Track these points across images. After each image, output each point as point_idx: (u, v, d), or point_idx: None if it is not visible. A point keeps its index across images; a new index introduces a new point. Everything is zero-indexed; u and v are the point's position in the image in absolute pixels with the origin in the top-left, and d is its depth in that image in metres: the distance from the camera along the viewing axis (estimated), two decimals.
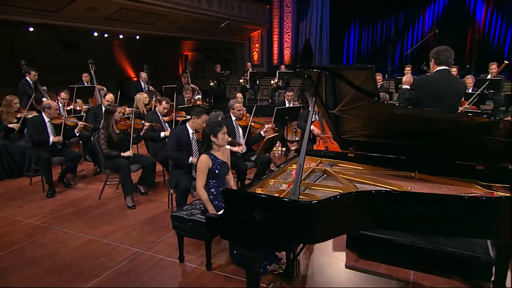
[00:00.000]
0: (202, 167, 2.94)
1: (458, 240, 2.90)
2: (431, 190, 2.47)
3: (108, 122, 4.36)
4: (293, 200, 2.12)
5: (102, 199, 4.60)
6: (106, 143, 4.27)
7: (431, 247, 2.90)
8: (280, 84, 10.11)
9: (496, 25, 13.64)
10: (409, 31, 15.36)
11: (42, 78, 6.86)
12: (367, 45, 15.92)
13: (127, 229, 3.81)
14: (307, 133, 2.40)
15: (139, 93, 6.29)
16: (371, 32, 15.81)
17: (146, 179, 4.62)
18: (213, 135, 2.98)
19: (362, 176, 2.78)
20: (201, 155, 2.99)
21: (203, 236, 2.97)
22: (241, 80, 10.30)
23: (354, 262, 3.10)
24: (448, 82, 3.11)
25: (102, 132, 4.31)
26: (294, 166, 3.13)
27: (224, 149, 3.14)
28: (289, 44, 14.28)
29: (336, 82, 2.47)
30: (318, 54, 14.08)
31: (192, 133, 3.93)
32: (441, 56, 3.15)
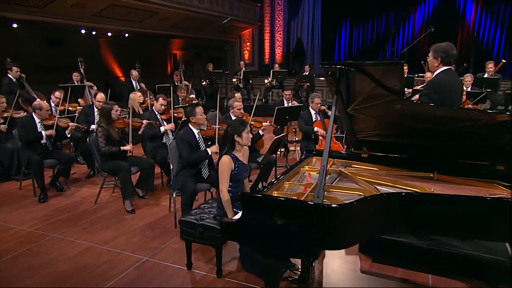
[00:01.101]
0: (225, 169, 2.83)
1: (477, 243, 2.86)
2: (453, 191, 2.42)
3: (107, 120, 4.21)
4: (320, 203, 2.03)
5: (98, 203, 4.44)
6: (104, 140, 4.11)
7: (450, 250, 2.84)
8: (274, 83, 10.03)
9: (485, 24, 13.86)
10: (400, 31, 15.48)
11: (27, 77, 6.61)
12: (358, 44, 15.99)
13: (128, 234, 3.66)
14: (329, 133, 2.32)
15: (133, 92, 6.12)
16: (362, 31, 15.88)
17: (145, 182, 4.47)
18: (237, 135, 2.87)
19: (379, 178, 2.72)
20: (223, 156, 2.87)
21: (214, 242, 2.86)
22: (234, 79, 10.19)
23: (368, 267, 3.04)
24: (456, 82, 3.08)
25: (99, 130, 4.15)
26: (307, 168, 3.06)
27: (245, 150, 3.04)
28: (280, 43, 14.21)
29: (350, 80, 2.41)
30: (310, 53, 14.04)
31: (198, 133, 3.82)
32: (451, 56, 3.10)
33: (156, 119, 4.88)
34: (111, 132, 4.23)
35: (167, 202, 4.33)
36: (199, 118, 3.75)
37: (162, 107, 4.90)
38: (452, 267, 2.84)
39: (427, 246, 2.96)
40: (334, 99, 2.36)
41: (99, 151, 4.20)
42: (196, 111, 3.72)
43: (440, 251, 2.90)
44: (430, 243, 2.97)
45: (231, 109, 4.56)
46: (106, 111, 4.27)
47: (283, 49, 14.25)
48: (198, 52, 15.82)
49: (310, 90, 9.96)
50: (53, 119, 4.82)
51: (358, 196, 2.49)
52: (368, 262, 3.10)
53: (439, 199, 2.10)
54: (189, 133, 3.79)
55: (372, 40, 15.84)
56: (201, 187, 3.76)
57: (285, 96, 6.24)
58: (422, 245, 2.99)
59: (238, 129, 2.88)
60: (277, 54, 14.24)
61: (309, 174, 2.96)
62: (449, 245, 2.93)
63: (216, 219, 2.92)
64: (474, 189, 2.47)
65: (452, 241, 2.91)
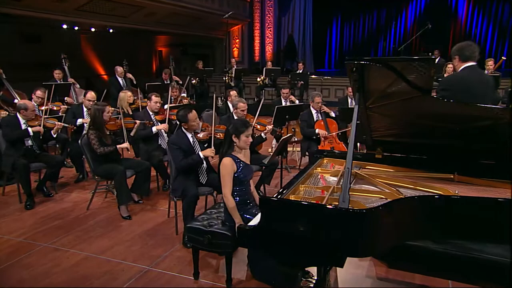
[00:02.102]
0: (227, 171, 2.74)
1: (497, 247, 2.85)
2: (478, 194, 2.40)
3: (99, 122, 4.07)
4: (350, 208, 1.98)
5: (90, 209, 4.29)
6: (98, 142, 3.98)
7: (469, 255, 2.83)
8: (266, 81, 9.97)
9: (477, 21, 14.15)
10: (392, 27, 15.67)
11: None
12: (350, 40, 16.12)
13: (127, 242, 3.54)
14: (352, 134, 2.28)
15: (123, 91, 5.95)
16: (354, 27, 16.01)
17: (140, 186, 4.34)
18: (236, 136, 2.79)
19: (398, 179, 2.69)
20: (223, 159, 2.79)
21: (224, 249, 2.78)
22: (225, 78, 10.08)
23: (385, 273, 3.01)
24: (481, 78, 3.07)
25: (91, 133, 4.01)
26: (319, 170, 3.02)
27: (246, 151, 2.96)
28: (271, 40, 14.18)
29: (366, 77, 2.36)
30: (301, 50, 14.05)
31: (192, 136, 3.72)
32: (466, 52, 3.11)
33: (150, 120, 4.75)
34: (102, 136, 4.09)
35: (165, 207, 4.22)
36: (192, 124, 3.65)
37: (158, 105, 4.76)
38: (473, 273, 2.83)
39: (444, 250, 2.94)
40: (357, 97, 2.31)
41: (92, 154, 4.06)
42: (189, 117, 3.60)
43: (459, 255, 2.88)
44: (447, 247, 2.95)
45: (235, 109, 4.48)
46: (97, 113, 4.12)
47: (274, 46, 14.22)
48: (184, 49, 15.66)
49: (304, 89, 9.96)
50: (39, 120, 4.64)
51: (379, 199, 2.47)
52: (383, 268, 3.07)
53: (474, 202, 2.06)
54: (182, 137, 3.68)
55: (364, 36, 16.00)
56: (203, 191, 3.68)
57: (283, 95, 6.19)
58: (439, 249, 2.96)
59: (238, 130, 2.80)
60: (267, 52, 14.20)
61: (323, 176, 2.92)
62: (467, 249, 2.92)
63: (225, 225, 2.84)
64: (499, 191, 2.45)
65: (471, 245, 2.90)
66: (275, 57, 13.97)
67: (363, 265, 3.14)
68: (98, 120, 4.10)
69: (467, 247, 2.83)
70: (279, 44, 14.36)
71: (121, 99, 5.77)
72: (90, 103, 4.90)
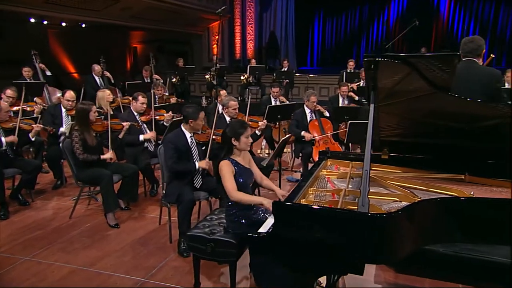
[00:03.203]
0: (227, 170, 2.70)
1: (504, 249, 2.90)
2: (492, 195, 2.44)
3: (84, 123, 3.91)
4: (368, 213, 1.96)
5: (73, 218, 4.12)
6: (81, 147, 3.82)
7: (479, 257, 2.87)
8: (251, 80, 9.92)
9: (459, 18, 14.59)
10: (374, 24, 15.94)
11: None
12: (332, 37, 16.30)
13: (117, 253, 3.42)
14: (369, 135, 2.26)
15: (101, 90, 5.76)
16: (336, 24, 16.20)
17: (128, 191, 4.21)
18: (235, 138, 2.74)
19: (408, 181, 2.70)
20: (221, 162, 2.73)
21: (228, 258, 2.71)
22: (207, 76, 9.96)
23: (393, 278, 3.02)
24: (470, 73, 3.09)
25: (75, 135, 3.85)
26: (324, 172, 2.99)
27: (245, 153, 2.91)
28: (252, 37, 14.13)
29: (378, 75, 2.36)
30: (284, 47, 14.07)
31: (191, 137, 3.63)
32: (465, 46, 3.14)
33: (135, 121, 4.61)
34: (87, 138, 3.93)
35: (155, 213, 4.12)
36: (198, 123, 3.59)
37: (144, 106, 4.64)
38: (482, 275, 2.87)
39: (454, 253, 2.97)
40: (372, 96, 2.29)
41: (75, 157, 3.90)
42: (199, 115, 3.55)
43: (469, 258, 2.92)
44: (456, 250, 2.98)
45: (225, 108, 4.41)
46: (83, 113, 3.96)
47: (255, 43, 14.18)
48: (161, 46, 15.39)
49: (290, 87, 9.98)
50: (14, 121, 4.43)
51: (394, 202, 2.47)
52: (391, 273, 3.08)
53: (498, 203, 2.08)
54: (180, 136, 3.59)
55: (346, 34, 16.21)
56: (199, 196, 3.60)
57: (273, 94, 6.16)
58: (448, 252, 3.00)
59: (237, 132, 2.76)
60: (248, 49, 14.15)
61: (329, 179, 2.90)
62: (477, 251, 2.96)
63: (228, 232, 2.78)
64: None
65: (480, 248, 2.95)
66: (256, 54, 13.94)
67: (370, 271, 3.14)
68: (84, 120, 3.94)
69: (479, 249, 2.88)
70: (261, 41, 14.34)
71: (100, 98, 5.59)
72: (69, 103, 4.72)
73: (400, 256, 2.07)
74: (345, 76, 7.88)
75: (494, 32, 13.78)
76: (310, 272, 2.14)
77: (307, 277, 2.18)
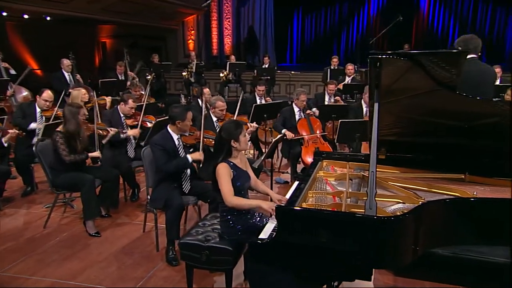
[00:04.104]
0: (225, 173, 2.67)
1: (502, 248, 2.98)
2: (494, 194, 2.50)
3: (74, 128, 3.78)
4: (379, 216, 1.97)
5: (48, 227, 3.98)
6: (67, 148, 3.70)
7: (479, 258, 2.94)
8: (230, 77, 9.88)
9: (439, 14, 15.01)
10: (354, 20, 16.18)
11: None
12: (311, 33, 16.43)
13: (100, 264, 3.32)
14: (374, 135, 2.27)
15: (76, 89, 5.57)
16: (315, 20, 16.34)
17: (108, 197, 4.10)
18: (234, 140, 2.71)
19: (409, 182, 2.74)
20: (219, 165, 2.69)
21: (224, 266, 2.69)
22: (184, 73, 9.85)
23: (393, 282, 3.07)
24: (482, 71, 3.20)
25: (59, 136, 3.71)
26: (322, 174, 3.00)
27: (242, 155, 2.89)
28: (230, 32, 14.06)
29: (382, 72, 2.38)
30: (263, 43, 14.07)
31: (178, 139, 3.58)
32: (470, 44, 3.24)
33: (120, 123, 4.50)
34: (76, 141, 3.80)
35: (139, 220, 4.04)
36: (186, 124, 3.54)
37: (132, 111, 4.54)
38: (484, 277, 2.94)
39: (453, 255, 3.04)
40: (376, 94, 2.31)
41: (52, 161, 3.76)
42: (187, 116, 3.50)
43: (469, 259, 2.99)
44: (455, 251, 3.05)
45: (212, 108, 4.36)
46: (73, 115, 3.80)
47: (233, 38, 14.12)
48: (133, 41, 15.09)
49: (271, 84, 9.99)
50: None
51: (397, 203, 2.50)
52: (390, 276, 3.12)
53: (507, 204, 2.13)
54: (167, 138, 3.54)
55: (326, 30, 16.37)
56: (188, 201, 3.54)
57: (258, 92, 6.14)
58: (446, 253, 3.06)
59: (235, 133, 2.74)
60: (226, 44, 14.08)
61: (327, 180, 2.91)
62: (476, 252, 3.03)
63: (224, 238, 2.74)
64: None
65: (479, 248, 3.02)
66: (235, 50, 13.87)
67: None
68: (73, 125, 3.78)
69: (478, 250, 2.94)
70: (239, 37, 14.28)
71: (74, 97, 5.39)
72: (46, 103, 4.55)
73: (408, 260, 2.10)
74: (330, 73, 7.94)
75: (473, 29, 14.23)
76: (316, 279, 2.15)
77: (312, 284, 2.18)
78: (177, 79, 11.95)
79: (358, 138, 4.56)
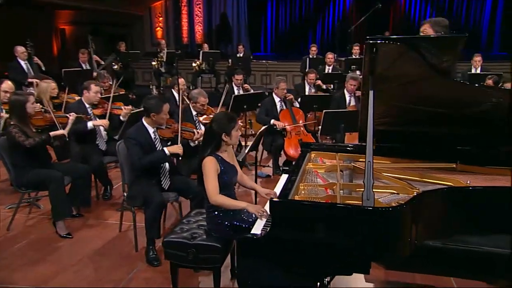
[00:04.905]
0: (211, 168, 2.65)
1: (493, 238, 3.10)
2: (488, 183, 2.59)
3: (21, 117, 3.64)
4: (377, 207, 2.01)
5: (12, 230, 3.84)
6: (23, 135, 3.56)
7: (469, 248, 3.04)
8: (204, 67, 9.78)
9: (416, 1, 15.36)
10: (330, 7, 16.32)
11: None
12: (286, 21, 16.47)
13: (74, 267, 3.24)
14: (370, 121, 2.31)
15: (45, 81, 5.32)
16: (290, 7, 16.38)
17: (79, 195, 3.99)
18: (226, 134, 2.70)
19: (401, 172, 2.80)
20: (205, 158, 2.67)
21: (213, 264, 2.67)
22: (154, 63, 9.67)
23: (384, 275, 3.13)
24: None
25: (11, 127, 3.57)
26: (311, 165, 3.03)
27: (230, 149, 2.88)
28: (201, 19, 13.91)
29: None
30: (236, 31, 14.01)
31: (154, 132, 3.52)
32: (445, 27, 3.30)
33: (87, 114, 4.37)
34: (26, 129, 3.67)
35: (113, 219, 3.98)
36: (162, 117, 3.48)
37: (98, 96, 4.40)
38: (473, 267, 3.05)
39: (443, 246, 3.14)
40: (371, 81, 2.34)
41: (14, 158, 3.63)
42: (163, 108, 3.44)
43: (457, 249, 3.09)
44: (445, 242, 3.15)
45: (193, 103, 4.33)
46: (19, 105, 3.68)
47: (205, 26, 13.98)
48: (95, 28, 14.68)
49: (247, 74, 9.96)
50: None
51: (391, 194, 2.55)
52: (381, 270, 3.18)
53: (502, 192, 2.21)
54: (142, 131, 3.47)
55: (301, 17, 16.44)
56: (168, 197, 3.50)
57: (236, 82, 6.11)
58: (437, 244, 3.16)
59: (227, 127, 2.72)
60: (197, 32, 13.94)
61: (317, 172, 2.94)
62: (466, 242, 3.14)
63: (211, 235, 2.73)
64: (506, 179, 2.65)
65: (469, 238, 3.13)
66: (206, 38, 13.75)
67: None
68: (19, 113, 3.66)
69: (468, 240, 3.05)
70: (210, 24, 14.16)
71: (42, 91, 5.11)
72: (7, 95, 4.37)
73: (406, 252, 2.15)
74: (308, 63, 8.00)
75: (449, 16, 14.65)
76: (313, 274, 2.17)
77: (309, 280, 2.20)
78: (144, 69, 11.72)
79: (343, 129, 4.62)
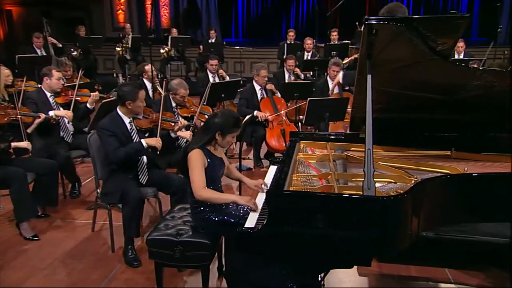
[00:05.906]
0: (198, 161, 2.64)
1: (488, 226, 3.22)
2: (487, 170, 2.68)
3: None
4: (380, 196, 2.06)
5: None
6: None
7: (462, 238, 3.16)
8: (172, 53, 9.64)
9: None
10: None
11: None
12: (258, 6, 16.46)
13: (44, 271, 3.16)
14: (369, 107, 2.34)
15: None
16: None
17: (45, 194, 3.87)
18: (221, 133, 2.70)
19: (396, 160, 2.87)
20: (192, 150, 2.65)
21: (202, 262, 2.67)
22: (118, 49, 9.45)
23: (378, 268, 3.21)
24: None
25: None
26: (301, 155, 3.05)
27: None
28: (167, 2, 13.69)
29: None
30: (205, 15, 13.88)
31: (130, 122, 3.46)
32: (398, 13, 3.37)
33: (48, 104, 4.23)
34: None
35: (84, 218, 3.92)
36: (138, 105, 3.41)
37: (60, 82, 4.26)
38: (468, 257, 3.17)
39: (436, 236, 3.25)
40: (369, 65, 2.37)
41: None
42: (139, 95, 3.37)
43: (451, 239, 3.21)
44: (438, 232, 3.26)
45: (172, 94, 4.28)
46: None
47: (171, 9, 13.78)
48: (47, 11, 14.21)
49: (220, 61, 9.91)
50: None
51: (388, 183, 2.61)
52: (374, 263, 3.25)
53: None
54: (117, 121, 3.41)
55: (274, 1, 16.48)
56: (146, 193, 3.45)
57: (210, 67, 6.07)
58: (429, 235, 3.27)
59: (228, 128, 2.73)
60: (163, 16, 13.71)
61: (309, 162, 2.97)
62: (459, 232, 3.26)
63: (198, 231, 2.72)
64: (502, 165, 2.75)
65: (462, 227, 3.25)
66: (173, 23, 13.55)
67: None
68: None
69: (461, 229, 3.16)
70: (177, 8, 13.96)
71: None
72: None
73: (407, 243, 2.21)
74: (286, 49, 8.03)
75: (427, 2, 15.02)
76: (313, 267, 2.19)
77: (309, 273, 2.22)
78: (106, 56, 11.44)
79: (328, 117, 4.66)
